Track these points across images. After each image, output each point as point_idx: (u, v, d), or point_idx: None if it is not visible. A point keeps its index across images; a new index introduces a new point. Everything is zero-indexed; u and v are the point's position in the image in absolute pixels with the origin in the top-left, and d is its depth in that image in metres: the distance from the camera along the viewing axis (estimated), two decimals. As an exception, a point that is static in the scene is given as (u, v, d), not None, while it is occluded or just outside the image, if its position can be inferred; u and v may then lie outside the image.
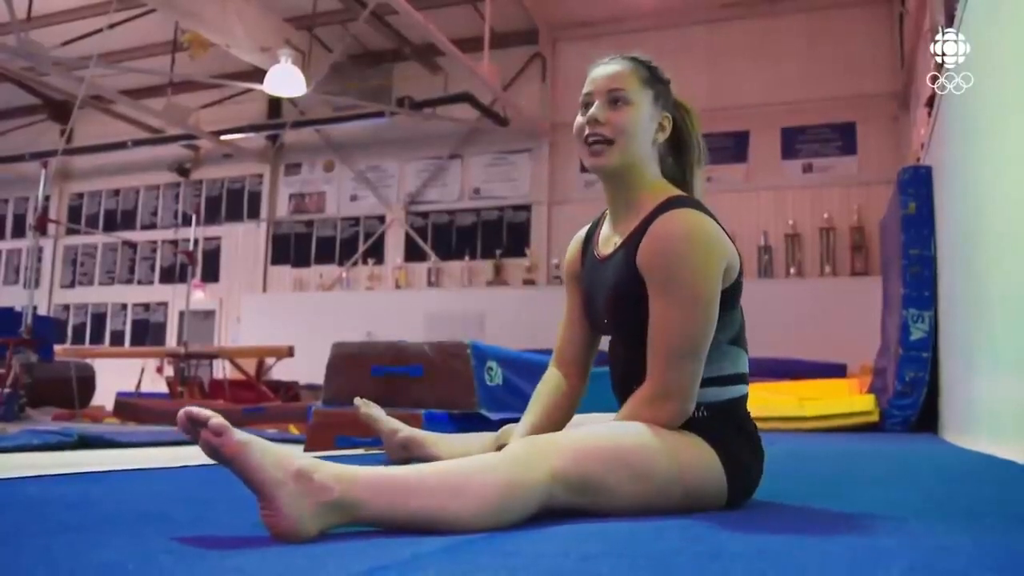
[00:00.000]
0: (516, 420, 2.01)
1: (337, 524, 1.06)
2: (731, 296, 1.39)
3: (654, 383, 1.34)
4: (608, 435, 1.27)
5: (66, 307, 12.81)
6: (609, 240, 1.51)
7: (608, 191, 1.50)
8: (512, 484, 1.13)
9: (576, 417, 1.64)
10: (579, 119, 1.46)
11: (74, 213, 13.07)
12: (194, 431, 1.02)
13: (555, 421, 1.54)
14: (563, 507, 1.20)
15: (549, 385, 1.61)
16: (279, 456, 1.03)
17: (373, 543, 1.01)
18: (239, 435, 1.02)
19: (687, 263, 1.32)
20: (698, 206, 1.41)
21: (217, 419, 1.00)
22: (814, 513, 1.34)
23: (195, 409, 1.02)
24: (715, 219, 1.39)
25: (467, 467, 1.15)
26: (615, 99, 1.42)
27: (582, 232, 1.65)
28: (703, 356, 1.34)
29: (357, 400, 2.00)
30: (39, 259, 11.68)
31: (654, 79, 1.47)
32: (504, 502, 1.12)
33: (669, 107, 1.50)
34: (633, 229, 1.42)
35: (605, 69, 1.46)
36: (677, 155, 1.54)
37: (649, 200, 1.43)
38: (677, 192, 1.45)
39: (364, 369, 3.31)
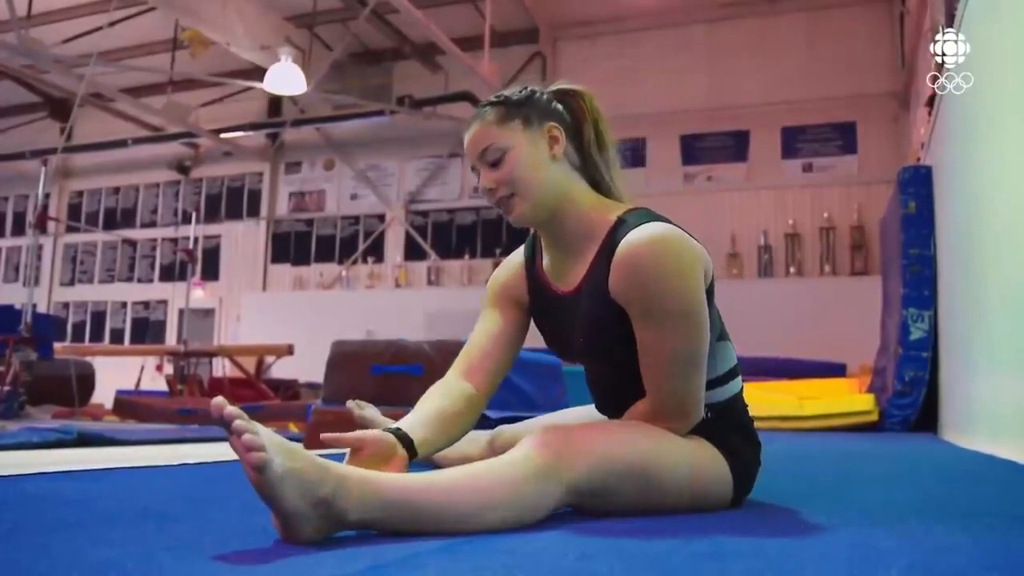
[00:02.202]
0: (516, 419, 2.00)
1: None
2: (710, 295, 1.35)
3: (661, 401, 1.31)
4: (627, 443, 1.24)
5: (66, 305, 12.81)
6: (562, 273, 1.42)
7: (545, 233, 1.42)
8: (536, 501, 1.12)
9: (578, 410, 1.62)
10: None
11: (74, 211, 13.07)
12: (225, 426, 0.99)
13: (451, 436, 1.38)
14: (567, 506, 1.20)
15: (452, 398, 1.40)
16: (302, 483, 0.98)
17: (373, 541, 1.01)
18: (273, 467, 0.96)
19: (668, 284, 1.26)
20: (651, 216, 1.32)
21: (256, 455, 0.95)
22: (813, 513, 1.34)
23: (232, 419, 0.97)
24: (669, 221, 1.32)
25: (487, 485, 1.10)
26: (490, 159, 1.35)
27: (519, 257, 1.53)
28: (705, 363, 1.32)
29: (350, 403, 1.97)
30: (39, 257, 11.69)
31: (512, 106, 1.36)
32: (523, 519, 1.11)
33: (548, 114, 1.38)
34: (592, 262, 1.34)
35: (467, 137, 1.39)
36: (578, 148, 1.41)
37: (595, 225, 1.35)
38: (620, 207, 1.37)
39: (364, 368, 3.30)
